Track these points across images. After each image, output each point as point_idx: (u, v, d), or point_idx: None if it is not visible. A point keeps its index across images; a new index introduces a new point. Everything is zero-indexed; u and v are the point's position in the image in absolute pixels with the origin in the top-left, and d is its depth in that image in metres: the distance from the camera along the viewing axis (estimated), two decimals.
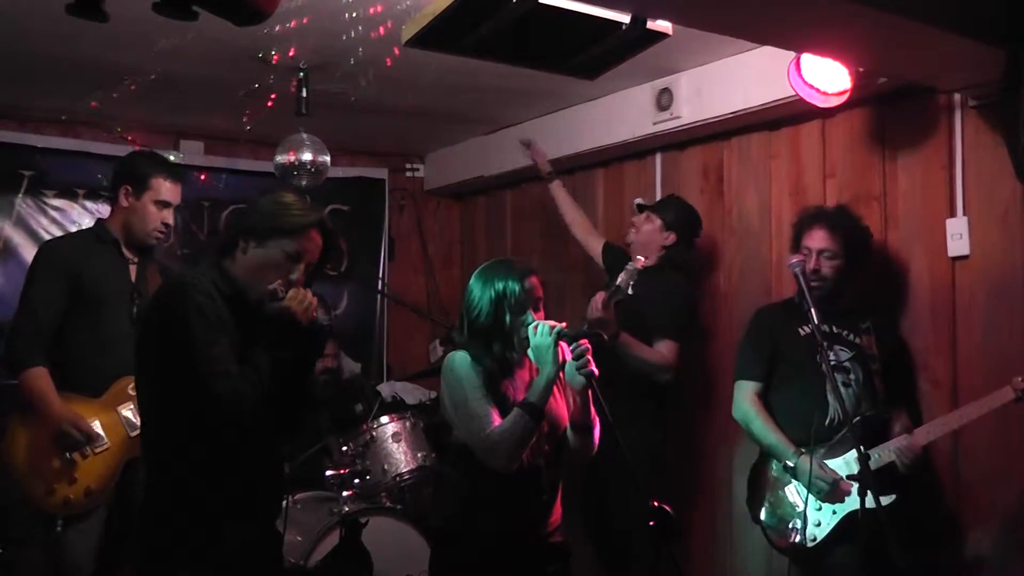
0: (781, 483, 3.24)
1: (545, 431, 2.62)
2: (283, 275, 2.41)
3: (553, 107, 4.68)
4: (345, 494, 3.79)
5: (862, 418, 3.11)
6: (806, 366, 3.20)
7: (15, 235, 4.65)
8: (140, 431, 2.50)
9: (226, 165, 5.21)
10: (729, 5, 2.60)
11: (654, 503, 2.30)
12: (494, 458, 2.52)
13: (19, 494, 3.19)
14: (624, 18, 2.65)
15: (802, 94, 3.31)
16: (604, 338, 2.88)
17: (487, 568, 2.61)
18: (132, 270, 3.39)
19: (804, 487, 3.09)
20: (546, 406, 2.56)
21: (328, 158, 4.32)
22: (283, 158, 4.26)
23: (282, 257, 2.41)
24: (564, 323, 2.57)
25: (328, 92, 4.08)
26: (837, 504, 3.08)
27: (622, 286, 3.32)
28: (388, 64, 3.72)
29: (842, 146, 3.70)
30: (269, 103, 4.20)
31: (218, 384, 2.27)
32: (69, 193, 4.78)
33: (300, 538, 3.68)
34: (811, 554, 3.11)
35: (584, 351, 2.50)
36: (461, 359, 2.61)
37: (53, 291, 3.26)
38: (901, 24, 2.59)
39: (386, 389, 4.95)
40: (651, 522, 2.28)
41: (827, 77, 3.27)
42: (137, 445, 2.64)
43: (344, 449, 4.04)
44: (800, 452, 3.13)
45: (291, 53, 3.67)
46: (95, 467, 3.21)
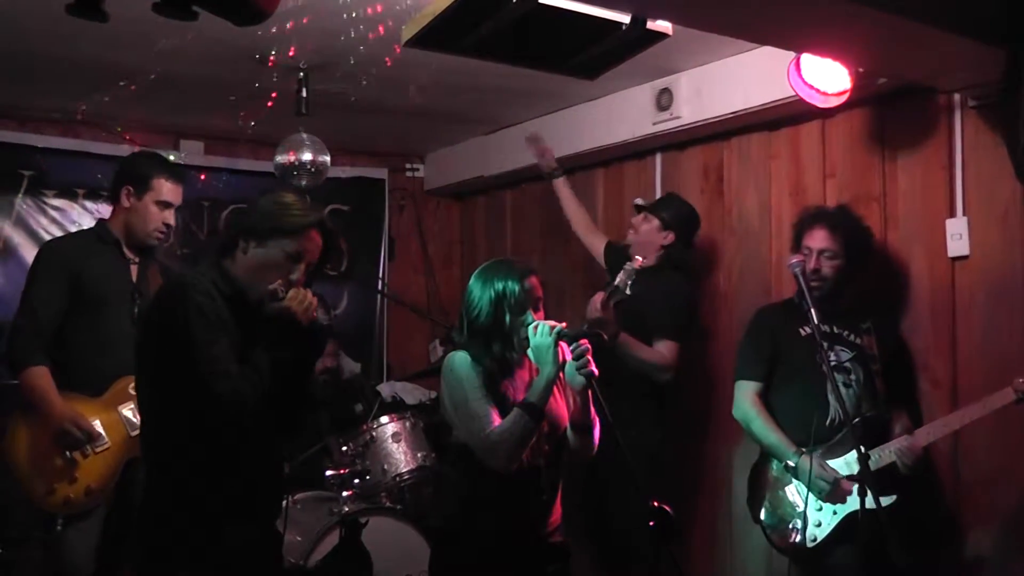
0: (781, 483, 3.24)
1: (545, 431, 2.62)
2: (283, 275, 2.42)
3: (553, 107, 4.68)
4: (345, 494, 3.79)
5: (862, 418, 3.11)
6: (806, 366, 3.20)
7: (15, 235, 4.65)
8: (140, 431, 2.50)
9: (226, 165, 5.21)
10: (729, 5, 2.60)
11: (654, 503, 2.30)
12: (494, 458, 2.52)
13: (20, 493, 3.19)
14: (624, 18, 2.65)
15: (802, 94, 3.31)
16: (604, 338, 2.88)
17: (487, 568, 2.61)
18: (133, 270, 3.39)
19: (805, 487, 3.09)
20: (546, 406, 2.56)
21: (328, 158, 4.32)
22: (283, 158, 4.26)
23: (282, 257, 2.41)
24: (564, 323, 2.57)
25: (328, 92, 4.07)
26: (838, 504, 3.08)
27: (620, 286, 3.32)
28: (388, 64, 3.72)
29: (842, 146, 3.70)
30: (269, 103, 4.20)
31: (218, 384, 2.28)
32: (69, 193, 4.79)
33: (300, 538, 3.68)
34: (811, 554, 3.12)
35: (584, 351, 2.50)
36: (461, 359, 2.61)
37: (54, 291, 3.26)
38: (901, 24, 2.59)
39: (386, 389, 4.95)
40: (651, 522, 2.28)
41: (827, 77, 3.27)
42: (137, 445, 2.64)
43: (344, 449, 4.04)
44: (801, 452, 3.13)
45: (291, 53, 3.68)
46: (96, 466, 3.21)
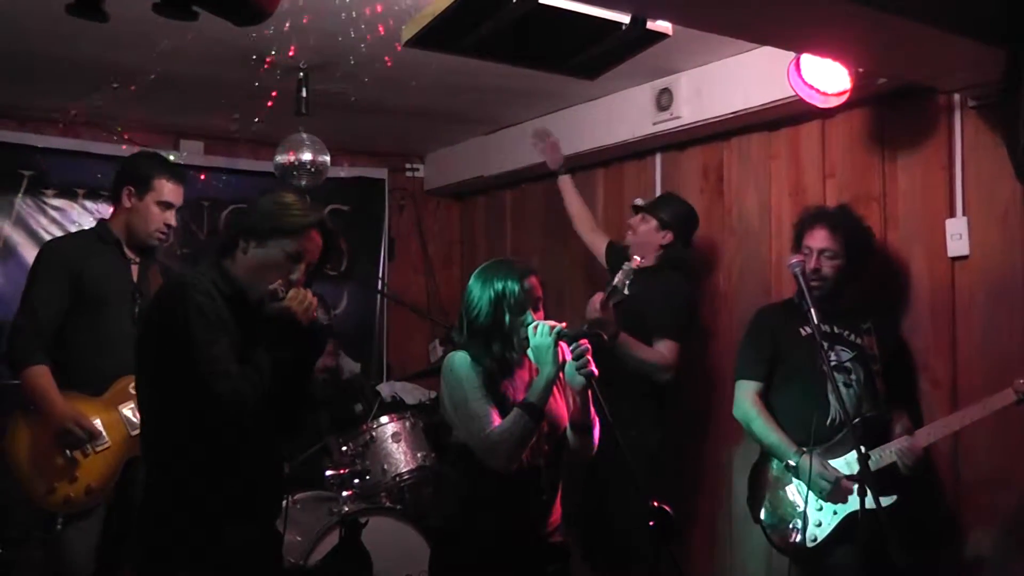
0: (782, 483, 3.23)
1: (545, 431, 2.62)
2: (283, 275, 2.42)
3: (553, 107, 4.68)
4: (345, 494, 3.79)
5: (863, 419, 3.11)
6: (807, 366, 3.19)
7: (15, 235, 4.65)
8: (140, 430, 2.50)
9: (226, 165, 5.21)
10: (729, 5, 2.60)
11: (654, 503, 2.30)
12: (494, 458, 2.52)
13: (20, 493, 3.19)
14: (624, 18, 2.65)
15: (802, 94, 3.31)
16: (604, 338, 2.88)
17: (487, 568, 2.61)
18: (134, 270, 3.39)
19: (806, 486, 3.09)
20: (546, 406, 2.56)
21: (328, 158, 4.32)
22: (283, 158, 4.26)
23: (282, 257, 2.41)
24: (564, 323, 2.57)
25: (328, 92, 4.07)
26: (838, 504, 3.08)
27: (618, 286, 3.32)
28: (388, 64, 3.72)
29: (842, 146, 3.70)
30: (269, 103, 4.20)
31: (218, 384, 2.28)
32: (69, 193, 4.78)
33: (300, 538, 3.68)
34: (811, 554, 3.12)
35: (584, 351, 2.50)
36: (461, 359, 2.61)
37: (54, 291, 3.26)
38: (901, 24, 2.59)
39: (386, 389, 4.95)
40: (651, 522, 2.28)
41: (827, 77, 3.27)
42: (137, 444, 2.64)
43: (344, 449, 4.04)
44: (802, 451, 3.13)
45: (291, 53, 3.67)
46: (96, 465, 3.21)
